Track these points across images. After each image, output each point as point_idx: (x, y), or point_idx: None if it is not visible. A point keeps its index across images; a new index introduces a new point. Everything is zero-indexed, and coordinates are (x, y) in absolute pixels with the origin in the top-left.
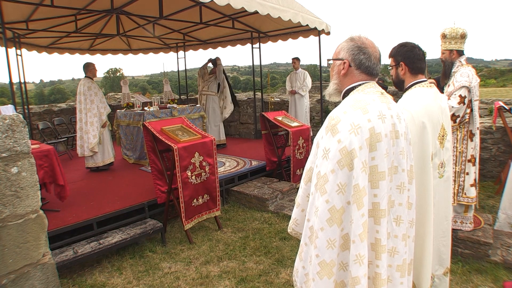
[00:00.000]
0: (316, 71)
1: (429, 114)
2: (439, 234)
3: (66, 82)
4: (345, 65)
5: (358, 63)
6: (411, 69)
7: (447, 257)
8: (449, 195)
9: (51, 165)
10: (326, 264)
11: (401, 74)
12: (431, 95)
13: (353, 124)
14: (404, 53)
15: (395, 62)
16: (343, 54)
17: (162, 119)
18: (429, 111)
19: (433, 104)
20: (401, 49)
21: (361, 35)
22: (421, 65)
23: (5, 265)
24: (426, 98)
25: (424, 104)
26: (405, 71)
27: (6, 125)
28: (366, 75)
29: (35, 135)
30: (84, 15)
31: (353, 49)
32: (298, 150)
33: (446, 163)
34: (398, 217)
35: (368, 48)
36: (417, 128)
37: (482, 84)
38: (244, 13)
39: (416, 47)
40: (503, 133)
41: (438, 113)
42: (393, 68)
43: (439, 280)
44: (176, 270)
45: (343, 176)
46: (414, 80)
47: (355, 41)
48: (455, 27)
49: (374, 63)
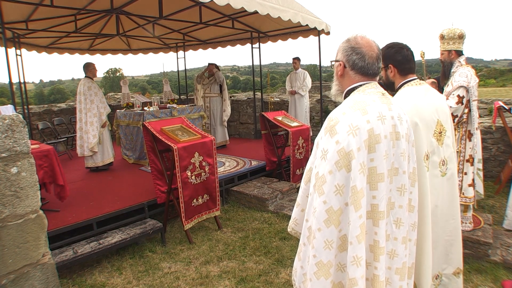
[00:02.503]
0: (316, 71)
1: (419, 112)
2: (445, 233)
3: (66, 82)
4: (340, 67)
5: (352, 64)
6: (400, 70)
7: (456, 256)
8: (455, 193)
9: (51, 165)
10: (323, 264)
11: (390, 76)
12: (421, 92)
13: (351, 125)
14: (392, 55)
15: (384, 65)
16: (339, 55)
17: (162, 119)
18: (419, 109)
19: (423, 101)
20: (389, 51)
21: (358, 35)
22: (410, 66)
23: (5, 265)
24: (415, 96)
25: (413, 102)
26: (394, 72)
27: (5, 125)
28: (361, 76)
29: (35, 135)
30: (84, 15)
31: (347, 50)
32: (298, 150)
33: (448, 161)
34: (398, 220)
35: (362, 47)
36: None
37: (481, 84)
38: (244, 13)
39: (403, 48)
40: (503, 133)
41: (431, 110)
42: (382, 70)
43: (448, 280)
44: (176, 270)
45: (341, 177)
46: (403, 80)
47: (350, 42)
48: (452, 27)
49: (368, 63)
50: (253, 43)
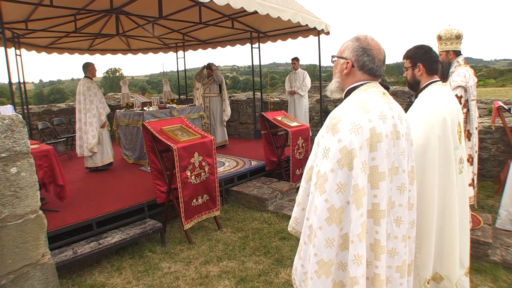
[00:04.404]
0: (315, 71)
1: (449, 110)
2: (462, 231)
3: (65, 82)
4: (348, 65)
5: (361, 64)
6: (428, 70)
7: (467, 256)
8: (466, 191)
9: (51, 165)
10: (324, 263)
11: (418, 75)
12: (449, 92)
13: (353, 124)
14: (421, 55)
15: (412, 64)
16: (347, 53)
17: (161, 119)
18: (448, 107)
19: (451, 101)
20: (419, 51)
21: (368, 36)
22: (437, 66)
23: (5, 265)
24: (445, 95)
25: (444, 100)
26: (422, 72)
27: (5, 125)
28: (368, 76)
29: (35, 135)
30: (84, 15)
31: (357, 49)
32: (298, 150)
33: (463, 159)
34: (398, 218)
35: (372, 50)
36: (439, 123)
37: (481, 84)
38: (243, 13)
39: (431, 49)
40: (503, 133)
41: (456, 109)
42: (409, 69)
43: (461, 281)
44: (176, 270)
45: (342, 175)
46: (430, 80)
47: (361, 42)
48: (449, 28)
49: (377, 65)
50: (253, 43)
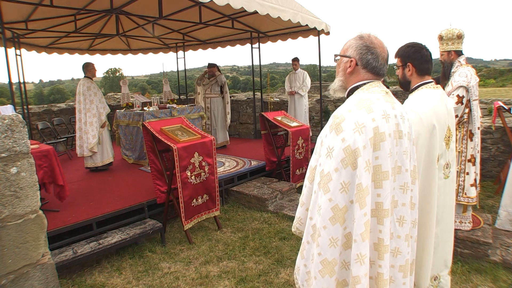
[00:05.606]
0: (315, 71)
1: (437, 115)
2: (445, 234)
3: (65, 82)
4: (351, 63)
5: (365, 62)
6: (418, 70)
7: (450, 257)
8: (453, 196)
9: (51, 165)
10: (328, 262)
11: (407, 75)
12: (438, 96)
13: (357, 123)
14: (411, 54)
15: (402, 63)
16: (351, 51)
17: (161, 119)
18: (437, 112)
19: (440, 105)
20: (409, 50)
21: (371, 34)
22: (428, 66)
23: (5, 266)
24: (434, 99)
25: (433, 105)
26: (412, 72)
27: (5, 125)
28: (372, 75)
29: (35, 135)
30: (84, 15)
31: (361, 48)
32: (298, 150)
33: (451, 164)
34: (401, 218)
35: (376, 48)
36: (426, 130)
37: (481, 84)
38: (243, 13)
39: (423, 48)
40: (503, 133)
41: (445, 114)
42: (400, 68)
43: (444, 281)
44: (176, 270)
45: (346, 174)
46: (420, 81)
47: (364, 40)
48: (451, 28)
49: (381, 63)
50: (253, 43)
